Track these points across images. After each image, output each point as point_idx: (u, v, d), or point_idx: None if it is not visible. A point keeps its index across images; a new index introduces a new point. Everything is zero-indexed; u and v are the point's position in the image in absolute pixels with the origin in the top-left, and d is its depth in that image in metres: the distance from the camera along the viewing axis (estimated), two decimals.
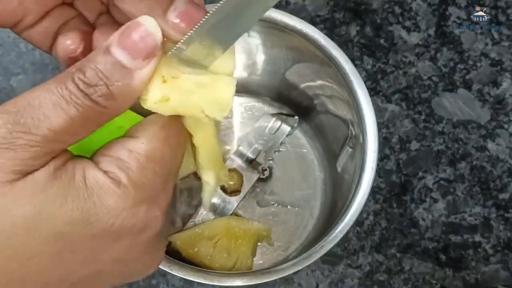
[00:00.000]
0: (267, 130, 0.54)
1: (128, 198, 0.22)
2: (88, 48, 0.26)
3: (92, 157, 0.24)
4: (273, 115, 0.54)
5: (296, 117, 0.54)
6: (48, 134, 0.21)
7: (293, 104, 0.55)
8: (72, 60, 0.26)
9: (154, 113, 0.25)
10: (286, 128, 0.54)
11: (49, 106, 0.21)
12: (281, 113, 0.55)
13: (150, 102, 0.24)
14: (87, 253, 0.22)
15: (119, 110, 0.23)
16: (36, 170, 0.21)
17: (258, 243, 0.51)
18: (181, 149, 0.25)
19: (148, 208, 0.23)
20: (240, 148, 0.53)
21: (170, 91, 0.24)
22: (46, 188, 0.21)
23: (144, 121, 0.25)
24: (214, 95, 0.24)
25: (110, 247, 0.23)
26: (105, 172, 0.22)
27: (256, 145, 0.53)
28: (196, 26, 0.24)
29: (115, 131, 0.25)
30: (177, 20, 0.24)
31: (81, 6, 0.29)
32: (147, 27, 0.22)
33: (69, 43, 0.26)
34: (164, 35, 0.23)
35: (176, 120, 0.25)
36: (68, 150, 0.24)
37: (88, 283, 0.23)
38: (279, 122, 0.54)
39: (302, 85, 0.52)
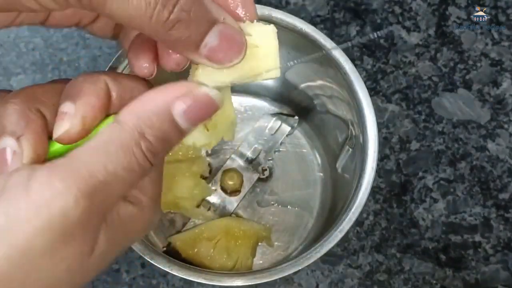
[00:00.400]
0: (267, 130, 0.54)
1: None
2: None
3: None
4: (273, 115, 0.54)
5: (296, 117, 0.54)
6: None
7: (293, 104, 0.55)
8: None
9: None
10: (286, 128, 0.54)
11: (120, 182, 0.22)
12: (281, 113, 0.55)
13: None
14: None
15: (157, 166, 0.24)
16: None
17: (258, 244, 0.51)
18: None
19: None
20: (240, 148, 0.53)
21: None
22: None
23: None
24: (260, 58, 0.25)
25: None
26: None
27: (256, 145, 0.53)
28: None
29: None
30: (209, 53, 0.24)
31: None
32: (214, 100, 0.24)
33: (144, 66, 0.26)
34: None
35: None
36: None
37: None
38: (279, 122, 0.54)
39: (302, 85, 0.52)
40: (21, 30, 0.58)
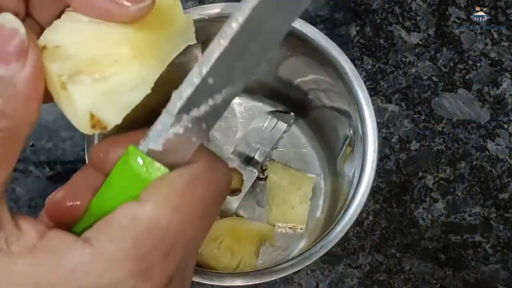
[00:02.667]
0: (263, 129, 0.54)
1: (111, 273, 0.20)
2: None
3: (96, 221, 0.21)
4: (268, 113, 0.54)
5: (292, 114, 0.54)
6: None
7: (288, 100, 0.55)
8: None
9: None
10: (283, 126, 0.54)
11: None
12: (277, 111, 0.55)
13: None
14: None
15: (21, 126, 0.20)
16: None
17: (262, 243, 0.51)
18: (201, 219, 0.21)
19: (137, 284, 0.20)
20: (238, 147, 0.53)
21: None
22: (5, 274, 0.19)
23: (158, 182, 0.21)
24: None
25: None
26: (87, 240, 0.20)
27: (253, 144, 0.53)
28: None
29: (134, 184, 0.21)
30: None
31: None
32: (5, 26, 0.19)
33: None
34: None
35: (201, 183, 0.21)
36: (43, 226, 0.21)
37: None
38: (275, 120, 0.54)
39: (296, 81, 0.52)
40: None
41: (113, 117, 0.21)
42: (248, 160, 0.53)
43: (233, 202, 0.52)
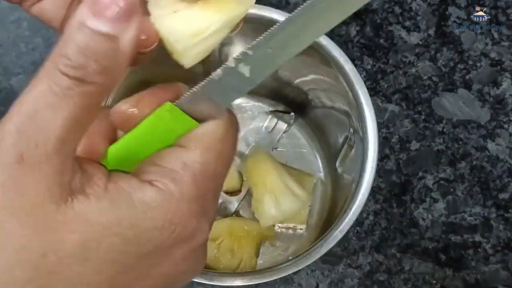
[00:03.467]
0: (263, 129, 0.54)
1: (181, 212, 0.22)
2: None
3: (140, 165, 0.23)
4: (268, 113, 0.54)
5: (292, 114, 0.54)
6: (56, 143, 0.20)
7: (288, 100, 0.55)
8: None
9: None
10: (283, 125, 0.54)
11: (47, 113, 0.20)
12: (277, 111, 0.55)
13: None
14: (140, 271, 0.22)
15: (116, 80, 0.22)
16: (69, 182, 0.20)
17: (261, 243, 0.51)
18: (231, 162, 0.24)
19: (198, 221, 0.23)
20: (238, 147, 0.53)
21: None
22: (89, 217, 0.20)
23: (199, 130, 0.23)
24: None
25: (161, 262, 0.22)
26: (152, 183, 0.22)
27: (253, 144, 0.53)
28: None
29: (166, 135, 0.24)
30: None
31: None
32: None
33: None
34: None
35: (232, 133, 0.24)
36: (105, 168, 0.22)
37: None
38: (275, 120, 0.54)
39: (296, 81, 0.52)
40: (21, 30, 0.58)
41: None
42: None
43: (234, 202, 0.52)
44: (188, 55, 0.24)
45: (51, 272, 0.20)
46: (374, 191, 0.54)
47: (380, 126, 0.55)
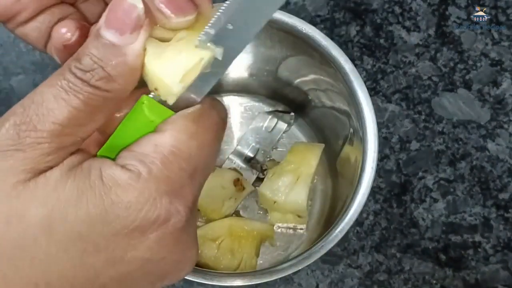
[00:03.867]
0: (263, 129, 0.54)
1: (148, 191, 0.22)
2: (84, 38, 0.25)
3: (118, 154, 0.24)
4: (268, 113, 0.54)
5: (292, 114, 0.54)
6: (54, 128, 0.21)
7: (288, 100, 0.55)
8: (67, 49, 0.26)
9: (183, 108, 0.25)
10: (283, 125, 0.54)
11: (51, 100, 0.21)
12: (277, 111, 0.55)
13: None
14: (111, 252, 0.22)
15: (122, 91, 0.23)
16: (50, 168, 0.21)
17: (262, 243, 0.51)
18: (211, 145, 0.25)
19: (171, 202, 0.22)
20: (238, 147, 0.53)
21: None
22: (58, 187, 0.21)
23: (174, 115, 0.24)
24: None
25: (135, 244, 0.22)
26: (123, 166, 0.22)
27: (253, 144, 0.53)
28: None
29: (146, 127, 0.24)
30: (162, 6, 0.23)
31: (84, 8, 0.29)
32: (128, 1, 0.22)
33: (63, 31, 0.26)
34: (153, 16, 0.23)
35: (210, 114, 0.25)
36: (86, 151, 0.23)
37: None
38: (275, 120, 0.54)
39: (296, 81, 0.52)
40: None
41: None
42: (248, 160, 0.53)
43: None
44: (177, 94, 0.24)
45: (16, 245, 0.20)
46: (374, 191, 0.54)
47: (380, 126, 0.55)
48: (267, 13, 0.23)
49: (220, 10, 0.23)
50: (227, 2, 0.23)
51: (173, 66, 0.23)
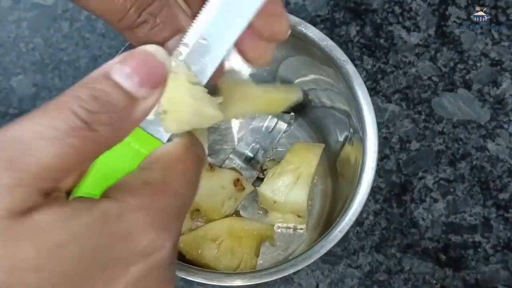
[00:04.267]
0: (263, 129, 0.54)
1: (135, 222, 0.21)
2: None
3: (105, 190, 0.23)
4: None
5: (292, 114, 0.54)
6: (37, 172, 0.20)
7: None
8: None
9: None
10: (283, 125, 0.54)
11: (42, 143, 0.20)
12: None
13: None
14: (99, 284, 0.21)
15: (116, 141, 0.22)
16: (35, 208, 0.20)
17: (262, 243, 0.51)
18: (196, 182, 0.25)
19: (157, 235, 0.22)
20: (238, 147, 0.53)
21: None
22: (46, 230, 0.20)
23: (158, 152, 0.24)
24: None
25: (117, 277, 0.21)
26: (113, 199, 0.22)
27: (253, 144, 0.53)
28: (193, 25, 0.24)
29: (132, 158, 0.24)
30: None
31: None
32: (157, 57, 0.22)
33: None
34: None
35: (194, 152, 0.25)
36: (60, 187, 0.22)
37: None
38: (275, 120, 0.54)
39: (296, 81, 0.52)
40: (21, 30, 0.58)
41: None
42: (248, 160, 0.53)
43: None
44: (178, 128, 0.24)
45: (4, 280, 0.19)
46: (374, 191, 0.54)
47: (380, 126, 0.55)
48: (238, 25, 0.24)
49: (192, 26, 0.24)
50: (197, 17, 0.24)
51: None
